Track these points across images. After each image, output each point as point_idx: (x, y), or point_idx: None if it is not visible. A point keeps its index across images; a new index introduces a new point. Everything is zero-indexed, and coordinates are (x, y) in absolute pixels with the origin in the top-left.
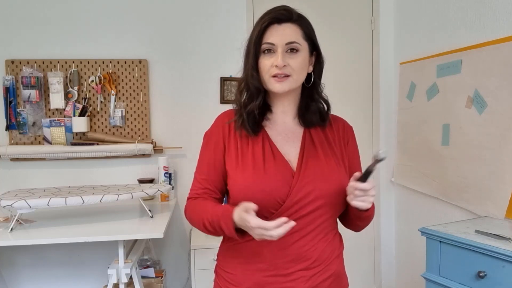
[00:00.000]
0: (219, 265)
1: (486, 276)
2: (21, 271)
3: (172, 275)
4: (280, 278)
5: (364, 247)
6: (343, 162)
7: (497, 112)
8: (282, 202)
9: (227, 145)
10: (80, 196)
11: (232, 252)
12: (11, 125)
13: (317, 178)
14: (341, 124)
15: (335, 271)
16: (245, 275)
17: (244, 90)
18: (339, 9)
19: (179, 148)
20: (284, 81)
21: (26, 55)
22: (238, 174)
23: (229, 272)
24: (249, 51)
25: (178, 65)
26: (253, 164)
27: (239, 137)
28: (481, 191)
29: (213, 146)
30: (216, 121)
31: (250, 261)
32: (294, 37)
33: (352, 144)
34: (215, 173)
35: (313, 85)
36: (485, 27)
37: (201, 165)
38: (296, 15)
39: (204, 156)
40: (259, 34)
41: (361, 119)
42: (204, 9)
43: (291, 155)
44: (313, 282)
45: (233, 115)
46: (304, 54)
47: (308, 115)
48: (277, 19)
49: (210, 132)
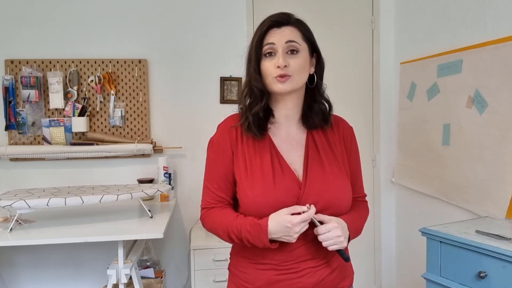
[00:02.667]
0: (232, 264)
1: (487, 276)
2: (20, 271)
3: (172, 276)
4: (291, 275)
5: (364, 247)
6: (344, 167)
7: (497, 112)
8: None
9: (235, 152)
10: (79, 196)
11: (243, 252)
12: (10, 125)
13: (323, 188)
14: (341, 124)
15: (338, 264)
16: (257, 274)
17: (248, 94)
18: (339, 9)
19: (179, 148)
20: (285, 81)
21: (26, 55)
22: (247, 186)
23: (243, 271)
24: (251, 55)
25: (178, 65)
26: (262, 177)
27: (246, 144)
28: (481, 191)
29: (222, 156)
30: (221, 128)
31: (260, 262)
32: (293, 37)
33: (353, 146)
34: (227, 183)
35: (315, 86)
36: (486, 27)
37: (211, 175)
38: (295, 19)
39: (214, 167)
40: (260, 37)
41: (361, 119)
42: (204, 9)
43: (296, 164)
44: (319, 276)
45: (237, 119)
46: (304, 55)
47: (311, 117)
48: (276, 23)
49: (216, 140)
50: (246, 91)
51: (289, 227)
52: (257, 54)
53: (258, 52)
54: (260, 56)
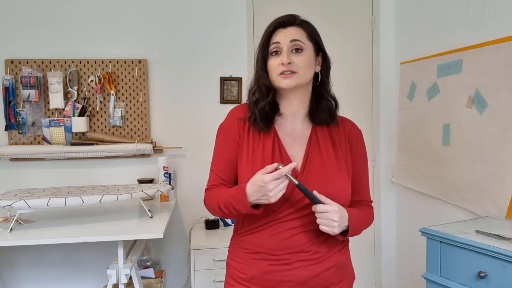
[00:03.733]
0: (229, 256)
1: (487, 276)
2: (20, 271)
3: (172, 276)
4: (283, 266)
5: (364, 247)
6: (345, 164)
7: (497, 112)
8: (285, 201)
9: (240, 140)
10: (79, 196)
11: (240, 243)
12: (10, 125)
13: (319, 179)
14: (348, 126)
15: (336, 262)
16: (251, 263)
17: (256, 90)
18: (339, 9)
19: (179, 148)
20: (290, 77)
21: (26, 54)
22: (247, 170)
23: (238, 261)
24: (258, 55)
25: (178, 65)
26: (261, 163)
27: (252, 134)
28: (481, 191)
29: (230, 141)
30: (231, 115)
31: (254, 251)
32: (298, 36)
33: (360, 148)
34: (231, 167)
35: (321, 83)
36: (486, 26)
37: (218, 158)
38: (300, 20)
39: (222, 151)
40: (266, 37)
41: (361, 119)
42: (204, 9)
43: (297, 156)
44: (314, 271)
45: (246, 110)
46: (309, 53)
47: (318, 113)
48: (282, 23)
49: (226, 125)
50: (255, 88)
51: (262, 185)
52: (264, 53)
53: (265, 51)
54: (267, 55)
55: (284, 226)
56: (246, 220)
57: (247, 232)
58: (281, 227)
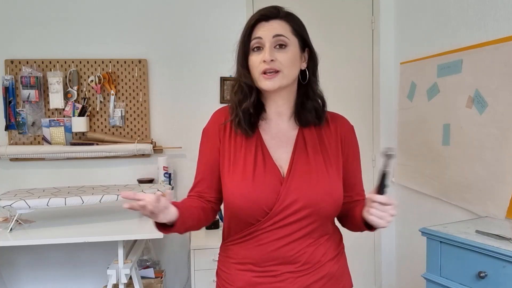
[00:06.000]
0: (218, 266)
1: (487, 276)
2: (20, 271)
3: (171, 276)
4: (270, 278)
5: (365, 247)
6: (336, 167)
7: (497, 112)
8: (269, 210)
9: (222, 143)
10: (79, 196)
11: (227, 252)
12: (10, 125)
13: (305, 186)
14: (339, 123)
15: (328, 272)
16: (237, 274)
17: (238, 90)
18: (339, 9)
19: (179, 148)
20: (274, 77)
21: (26, 54)
22: (228, 179)
23: (225, 271)
24: (239, 50)
25: (178, 65)
26: (242, 171)
27: (234, 138)
28: (481, 191)
29: (210, 145)
30: (212, 118)
31: (241, 262)
32: (281, 31)
33: (352, 146)
34: (211, 172)
35: (308, 82)
36: (486, 27)
37: (199, 165)
38: (284, 12)
39: (202, 156)
40: (247, 31)
41: (361, 119)
42: (204, 8)
43: (283, 160)
44: (303, 283)
45: (227, 113)
46: (294, 49)
47: (304, 114)
48: (265, 16)
49: (207, 129)
50: (236, 87)
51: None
52: (245, 48)
53: (246, 47)
54: (248, 51)
55: (269, 236)
56: (231, 229)
57: (232, 242)
58: (265, 238)
